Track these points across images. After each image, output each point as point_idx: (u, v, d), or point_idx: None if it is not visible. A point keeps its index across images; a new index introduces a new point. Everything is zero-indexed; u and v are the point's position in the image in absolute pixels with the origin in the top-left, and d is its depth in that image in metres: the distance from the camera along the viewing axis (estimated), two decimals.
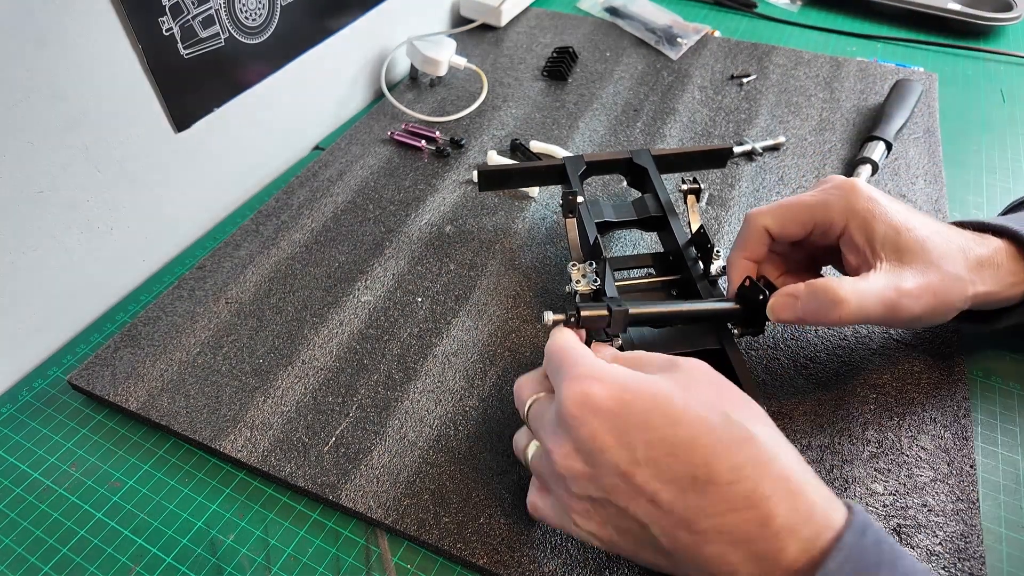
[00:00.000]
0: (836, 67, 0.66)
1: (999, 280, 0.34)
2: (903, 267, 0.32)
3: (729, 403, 0.26)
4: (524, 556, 0.32)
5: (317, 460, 0.35)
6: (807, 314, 0.32)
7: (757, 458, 0.24)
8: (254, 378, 0.39)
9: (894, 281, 0.32)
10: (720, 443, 0.24)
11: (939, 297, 0.32)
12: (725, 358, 0.34)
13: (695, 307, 0.35)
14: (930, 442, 0.36)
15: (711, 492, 0.24)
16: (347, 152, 0.56)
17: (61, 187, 0.40)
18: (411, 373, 0.40)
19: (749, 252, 0.37)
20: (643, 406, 0.25)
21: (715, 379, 0.28)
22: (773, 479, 0.24)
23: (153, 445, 0.38)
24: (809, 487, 0.24)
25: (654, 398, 0.25)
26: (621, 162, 0.46)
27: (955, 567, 0.31)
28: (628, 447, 0.25)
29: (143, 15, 0.41)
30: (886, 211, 0.34)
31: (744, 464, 0.24)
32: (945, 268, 0.32)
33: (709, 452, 0.24)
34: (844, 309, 0.31)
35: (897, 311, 0.32)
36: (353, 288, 0.45)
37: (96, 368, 0.40)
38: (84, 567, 0.33)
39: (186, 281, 0.45)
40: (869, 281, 0.32)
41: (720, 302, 0.35)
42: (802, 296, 0.32)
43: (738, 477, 0.24)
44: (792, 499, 0.23)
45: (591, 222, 0.41)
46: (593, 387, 0.26)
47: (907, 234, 0.33)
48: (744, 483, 0.23)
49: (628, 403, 0.25)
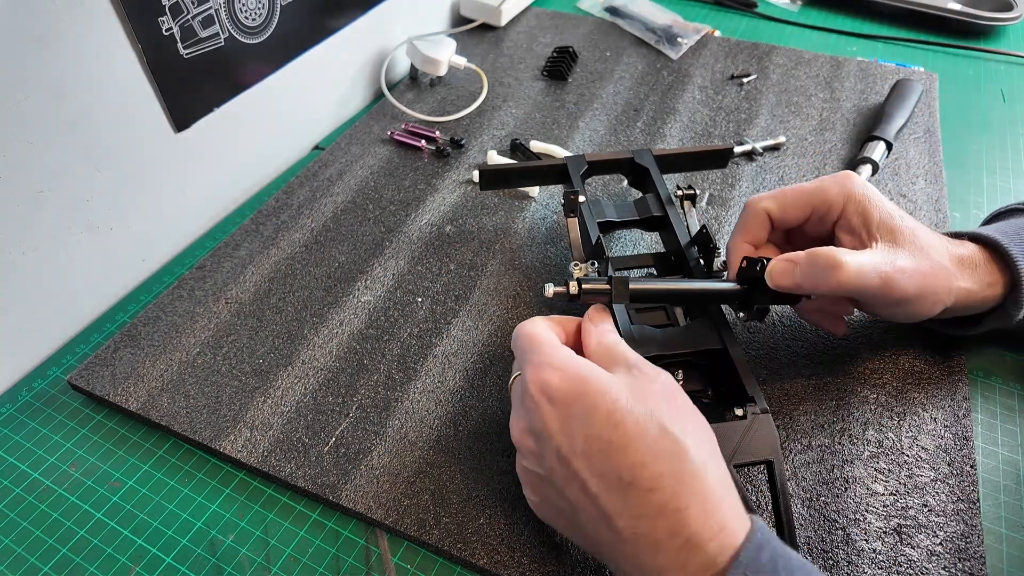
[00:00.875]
0: (836, 67, 0.66)
1: (977, 279, 0.35)
2: (897, 248, 0.34)
3: (674, 416, 0.27)
4: (524, 556, 0.32)
5: (317, 460, 0.35)
6: (805, 279, 0.32)
7: (681, 471, 0.25)
8: (254, 378, 0.39)
9: (890, 258, 0.33)
10: (649, 451, 0.25)
11: (928, 281, 0.33)
12: (727, 357, 0.34)
13: (697, 286, 0.35)
14: (930, 442, 0.36)
15: (631, 495, 0.25)
16: (347, 152, 0.56)
17: (61, 187, 0.40)
18: (411, 373, 0.39)
19: (750, 236, 0.37)
20: (591, 402, 0.27)
21: (672, 392, 0.28)
22: (691, 493, 0.25)
23: (153, 445, 0.38)
24: (725, 505, 0.25)
25: (603, 396, 0.27)
26: (623, 162, 0.46)
27: (955, 567, 0.31)
28: (570, 436, 0.27)
29: (143, 15, 0.41)
30: (880, 198, 0.35)
31: (666, 475, 0.25)
32: (933, 257, 0.34)
33: (637, 458, 0.25)
34: (842, 273, 0.31)
35: (892, 286, 0.32)
36: (353, 288, 0.45)
37: (96, 368, 0.40)
38: (84, 567, 0.33)
39: (186, 281, 0.45)
40: (868, 254, 0.33)
41: (722, 283, 0.35)
42: (801, 261, 0.33)
43: (657, 486, 0.25)
44: (705, 516, 0.24)
45: (593, 222, 0.41)
46: (552, 376, 0.28)
47: (901, 221, 0.34)
48: (662, 492, 0.25)
49: (579, 396, 0.27)
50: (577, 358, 0.29)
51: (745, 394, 0.33)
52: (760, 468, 0.35)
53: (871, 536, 0.32)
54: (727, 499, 0.25)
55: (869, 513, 0.33)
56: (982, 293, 0.35)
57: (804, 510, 0.33)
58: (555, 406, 0.27)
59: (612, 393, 0.27)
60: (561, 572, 0.31)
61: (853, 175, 0.36)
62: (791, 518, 0.31)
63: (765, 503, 0.34)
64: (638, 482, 0.25)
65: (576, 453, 0.26)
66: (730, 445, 0.31)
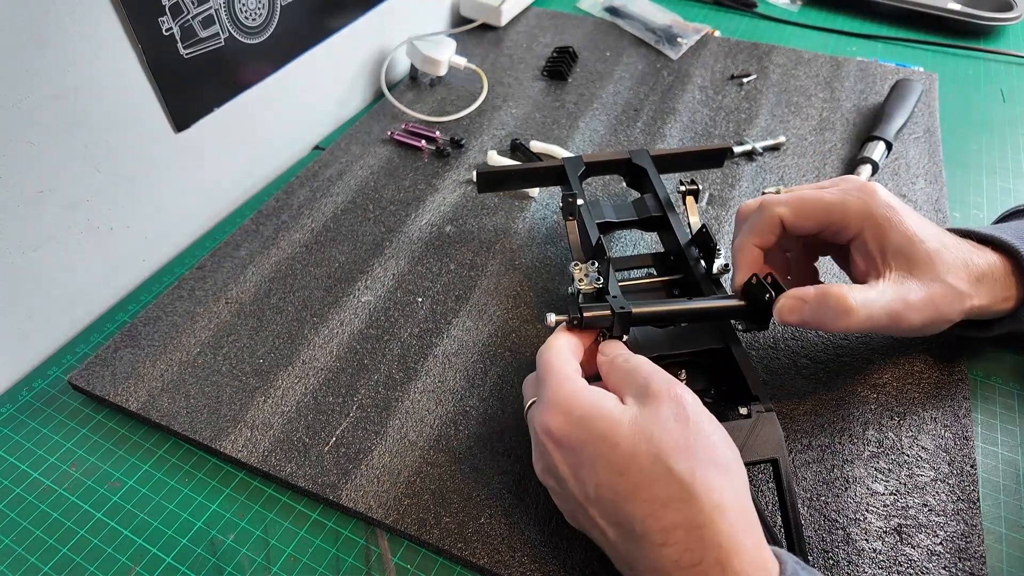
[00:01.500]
0: (836, 67, 0.66)
1: (994, 294, 0.34)
2: (910, 279, 0.32)
3: (683, 451, 0.25)
4: (525, 556, 0.32)
5: (317, 460, 0.35)
6: (813, 319, 0.32)
7: (692, 521, 0.24)
8: (254, 378, 0.39)
9: (901, 293, 0.32)
10: (657, 500, 0.25)
11: (939, 310, 0.33)
12: (730, 356, 0.34)
13: (699, 305, 0.35)
14: (930, 442, 0.36)
15: (645, 548, 0.25)
16: (347, 152, 0.56)
17: (61, 187, 0.40)
18: (411, 373, 0.39)
19: (759, 239, 0.36)
20: (594, 450, 0.26)
21: (683, 414, 0.27)
22: (705, 547, 0.24)
23: (153, 445, 0.38)
24: (742, 552, 0.24)
25: (604, 441, 0.26)
26: (620, 163, 0.46)
27: (956, 567, 0.31)
28: (582, 484, 0.27)
29: (143, 15, 0.41)
30: (902, 219, 0.33)
31: (678, 527, 0.24)
32: (949, 282, 0.33)
33: (647, 509, 0.25)
34: (853, 319, 0.31)
35: (900, 322, 0.32)
36: (353, 288, 0.45)
37: (96, 368, 0.40)
38: (84, 567, 0.33)
39: (186, 281, 0.45)
40: (878, 291, 0.32)
41: (724, 299, 0.35)
42: (811, 301, 0.32)
43: (668, 540, 0.24)
44: (722, 569, 0.23)
45: (592, 223, 0.41)
46: (555, 420, 0.27)
47: (919, 246, 0.33)
48: (674, 547, 0.24)
49: (583, 442, 0.26)
50: (583, 393, 0.28)
51: (749, 392, 0.33)
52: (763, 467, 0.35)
53: (871, 536, 0.32)
54: (747, 542, 0.24)
55: (869, 513, 0.33)
56: (996, 307, 0.34)
57: (804, 510, 0.33)
58: (563, 451, 0.27)
59: (613, 437, 0.26)
60: (562, 572, 0.31)
61: (879, 193, 0.34)
62: (798, 516, 0.30)
63: (766, 502, 0.34)
64: (650, 536, 0.24)
65: (591, 500, 0.26)
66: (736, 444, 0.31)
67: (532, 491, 0.34)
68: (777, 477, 0.31)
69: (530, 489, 0.34)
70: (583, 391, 0.28)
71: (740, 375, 0.34)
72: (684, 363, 0.35)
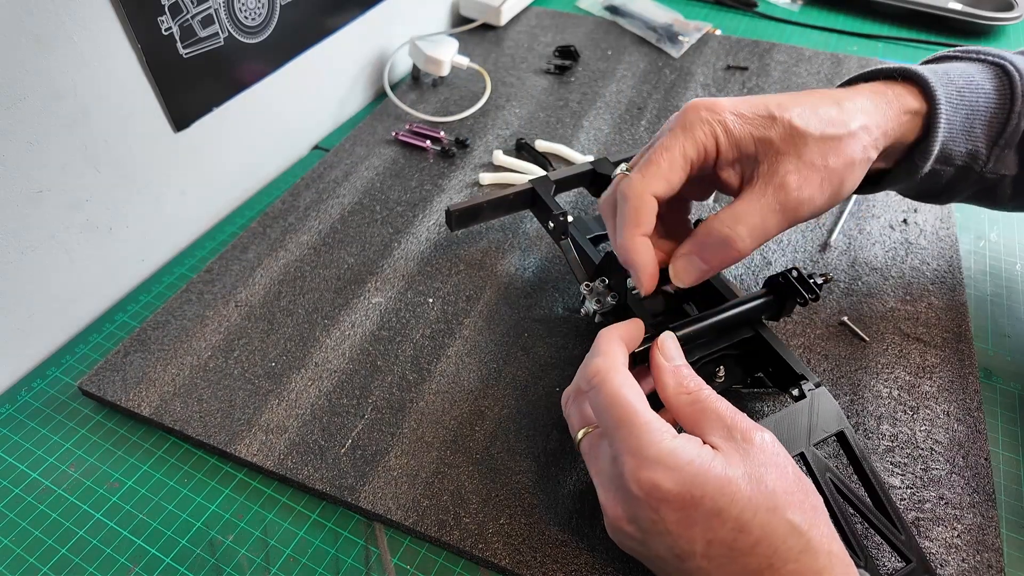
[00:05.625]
0: (837, 64, 0.66)
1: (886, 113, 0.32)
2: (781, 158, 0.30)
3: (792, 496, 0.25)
4: (547, 557, 0.31)
5: (335, 463, 0.35)
6: (710, 263, 0.31)
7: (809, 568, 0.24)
8: (267, 381, 0.39)
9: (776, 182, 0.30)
10: (776, 554, 0.24)
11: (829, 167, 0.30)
12: (762, 342, 0.34)
13: (736, 312, 0.34)
14: (944, 435, 0.36)
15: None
16: (352, 153, 0.56)
17: (61, 187, 0.40)
18: (425, 374, 0.39)
19: (644, 228, 0.32)
20: (712, 507, 0.25)
21: (775, 455, 0.26)
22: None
23: (152, 445, 0.37)
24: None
25: (723, 496, 0.25)
26: (584, 175, 0.44)
27: (974, 559, 0.32)
28: (690, 540, 0.25)
29: (142, 15, 0.41)
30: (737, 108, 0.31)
31: None
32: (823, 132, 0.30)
33: (763, 563, 0.24)
34: (739, 244, 0.30)
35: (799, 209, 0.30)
36: (363, 290, 0.44)
37: (106, 373, 0.39)
38: (83, 567, 0.32)
39: (194, 284, 0.45)
40: (748, 201, 0.30)
41: (753, 300, 0.35)
42: (696, 251, 0.31)
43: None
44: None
45: (587, 241, 0.41)
46: (662, 478, 0.25)
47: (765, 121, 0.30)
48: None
49: (698, 501, 0.25)
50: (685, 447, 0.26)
51: (794, 373, 0.33)
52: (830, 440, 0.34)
53: None
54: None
55: None
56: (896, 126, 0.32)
57: None
58: (671, 510, 0.25)
59: (730, 492, 0.25)
60: (585, 572, 0.31)
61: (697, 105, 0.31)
62: (881, 480, 0.30)
63: None
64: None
65: (696, 554, 0.25)
66: (802, 428, 0.30)
67: (551, 491, 0.34)
68: (848, 448, 0.31)
69: (549, 489, 0.34)
70: (682, 445, 0.26)
71: (778, 358, 0.33)
72: (719, 358, 0.35)
